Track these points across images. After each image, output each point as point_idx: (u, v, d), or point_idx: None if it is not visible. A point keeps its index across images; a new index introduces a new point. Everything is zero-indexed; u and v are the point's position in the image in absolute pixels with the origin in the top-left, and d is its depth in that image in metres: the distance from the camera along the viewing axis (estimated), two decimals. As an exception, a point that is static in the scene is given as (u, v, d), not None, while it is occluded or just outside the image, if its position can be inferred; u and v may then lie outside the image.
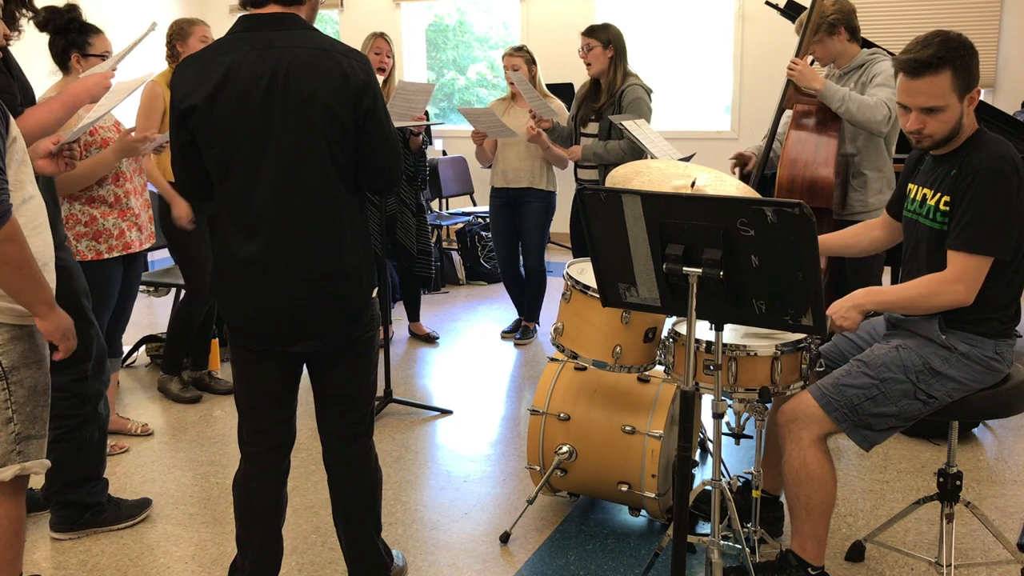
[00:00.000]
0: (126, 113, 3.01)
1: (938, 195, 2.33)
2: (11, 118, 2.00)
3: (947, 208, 2.30)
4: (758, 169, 3.68)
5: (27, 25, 2.78)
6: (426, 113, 4.66)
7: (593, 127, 4.45)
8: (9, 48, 2.54)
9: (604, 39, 4.34)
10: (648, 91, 4.38)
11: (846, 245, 2.72)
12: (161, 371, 4.22)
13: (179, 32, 3.84)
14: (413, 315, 5.24)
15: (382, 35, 4.75)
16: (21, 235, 1.95)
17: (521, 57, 4.80)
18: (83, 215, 3.25)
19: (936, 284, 2.29)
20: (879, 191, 3.50)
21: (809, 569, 2.42)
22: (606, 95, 4.38)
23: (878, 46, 3.75)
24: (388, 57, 4.70)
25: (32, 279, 2.00)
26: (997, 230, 2.23)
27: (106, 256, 3.28)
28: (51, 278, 2.14)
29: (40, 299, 2.04)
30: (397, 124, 4.41)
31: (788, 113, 3.62)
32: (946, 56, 2.21)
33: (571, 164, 4.72)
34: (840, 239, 2.72)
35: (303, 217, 2.06)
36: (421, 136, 4.74)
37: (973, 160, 2.27)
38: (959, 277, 2.26)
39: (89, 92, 2.73)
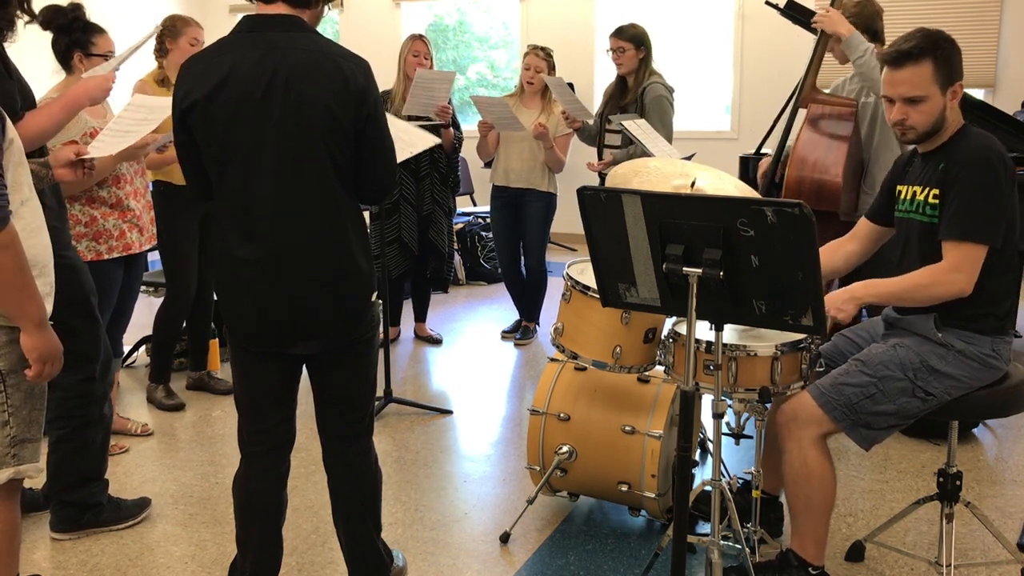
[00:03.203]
0: (118, 112, 3.00)
1: (927, 189, 2.36)
2: (7, 120, 1.98)
3: (936, 201, 2.32)
4: (771, 167, 3.66)
5: (28, 26, 2.77)
6: (451, 109, 4.64)
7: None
8: (6, 50, 2.53)
9: (637, 42, 4.42)
10: (670, 89, 4.44)
11: (824, 269, 2.62)
12: (148, 379, 4.21)
13: (171, 29, 3.79)
14: (420, 315, 5.24)
15: (420, 37, 4.73)
16: (18, 243, 1.91)
17: (544, 60, 4.84)
18: (83, 215, 3.24)
19: (934, 274, 2.30)
20: None
21: (809, 569, 2.42)
22: (632, 93, 4.45)
23: None
24: (426, 59, 4.70)
25: (23, 291, 1.94)
26: (988, 218, 2.26)
27: (106, 257, 3.28)
28: (50, 280, 2.12)
29: (28, 313, 1.96)
30: (419, 116, 4.43)
31: (802, 113, 3.60)
32: (927, 47, 2.27)
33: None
34: None
35: (303, 218, 2.06)
36: (453, 132, 4.71)
37: (960, 152, 2.31)
38: (956, 266, 2.27)
39: (89, 94, 2.71)
